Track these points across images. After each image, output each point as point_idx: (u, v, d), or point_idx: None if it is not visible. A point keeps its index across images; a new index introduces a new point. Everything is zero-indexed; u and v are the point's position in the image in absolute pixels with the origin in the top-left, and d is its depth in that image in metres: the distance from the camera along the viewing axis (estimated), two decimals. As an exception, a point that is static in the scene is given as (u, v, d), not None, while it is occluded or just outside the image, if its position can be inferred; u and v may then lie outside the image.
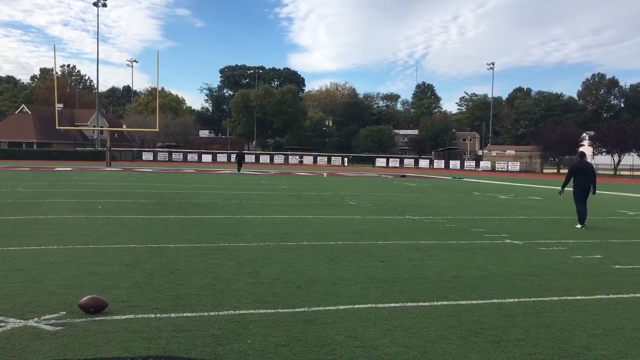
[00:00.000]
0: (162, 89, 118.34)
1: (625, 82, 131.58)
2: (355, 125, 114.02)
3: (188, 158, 75.11)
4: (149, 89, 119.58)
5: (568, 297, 6.67)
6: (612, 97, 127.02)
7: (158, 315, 5.49)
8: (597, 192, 14.78)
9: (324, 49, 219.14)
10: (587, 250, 10.10)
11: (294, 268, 7.88)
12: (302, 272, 7.65)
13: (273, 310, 5.75)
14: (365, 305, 6.04)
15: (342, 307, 5.96)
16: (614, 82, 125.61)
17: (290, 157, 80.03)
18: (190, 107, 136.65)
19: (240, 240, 10.20)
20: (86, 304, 5.50)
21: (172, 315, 5.51)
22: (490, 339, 5.05)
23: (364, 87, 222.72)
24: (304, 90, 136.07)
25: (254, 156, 79.14)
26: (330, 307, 5.92)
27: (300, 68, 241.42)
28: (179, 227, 11.61)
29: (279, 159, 79.15)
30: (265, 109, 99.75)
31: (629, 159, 67.68)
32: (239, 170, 41.03)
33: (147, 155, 74.08)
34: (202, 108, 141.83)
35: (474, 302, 6.35)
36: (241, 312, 5.67)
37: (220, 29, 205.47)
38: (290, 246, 9.70)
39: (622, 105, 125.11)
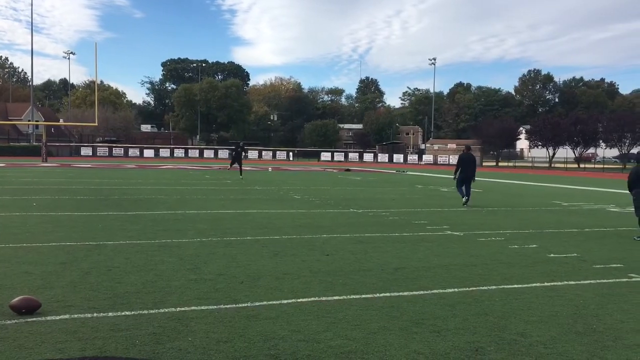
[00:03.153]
0: (101, 82, 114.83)
1: (560, 77, 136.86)
2: (300, 119, 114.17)
3: (129, 153, 73.30)
4: (87, 82, 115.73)
5: (505, 286, 6.86)
6: (547, 92, 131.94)
7: (95, 314, 5.32)
8: (527, 183, 15.45)
9: (268, 42, 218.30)
10: (524, 240, 10.43)
11: (238, 263, 7.80)
12: (246, 267, 7.58)
13: (215, 307, 5.67)
14: (309, 299, 6.04)
15: (285, 301, 5.94)
16: (549, 78, 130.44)
17: (234, 151, 79.26)
18: (131, 101, 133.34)
19: (183, 236, 10.02)
20: (17, 305, 5.27)
21: (110, 314, 5.35)
22: (430, 329, 5.14)
23: (308, 81, 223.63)
24: (248, 84, 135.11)
25: (197, 151, 78.03)
26: (274, 302, 5.89)
27: (244, 62, 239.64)
28: (119, 224, 11.30)
29: (223, 153, 78.29)
30: (209, 103, 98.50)
31: (563, 152, 70.41)
32: (240, 173, 30.22)
33: (86, 151, 71.86)
34: (144, 102, 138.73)
35: (416, 293, 6.45)
36: (182, 309, 5.56)
37: (161, 20, 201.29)
38: (234, 241, 9.60)
39: (557, 100, 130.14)
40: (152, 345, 4.55)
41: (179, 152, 77.23)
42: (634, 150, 74.20)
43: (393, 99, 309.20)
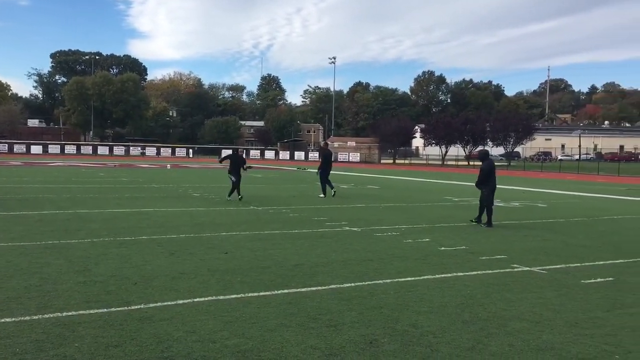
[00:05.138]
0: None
1: (452, 79, 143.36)
2: (200, 116, 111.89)
3: (15, 149, 68.64)
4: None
5: (399, 279, 7.09)
6: (440, 93, 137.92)
7: (-30, 323, 4.92)
8: (422, 180, 16.28)
9: (166, 36, 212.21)
10: (417, 235, 10.84)
11: (131, 264, 7.51)
12: (140, 267, 7.31)
13: (106, 310, 5.42)
14: (206, 299, 5.92)
15: (181, 301, 5.79)
16: (441, 79, 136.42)
17: (131, 148, 76.47)
18: (17, 94, 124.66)
19: (72, 236, 9.51)
20: None
21: (-13, 322, 4.97)
22: (327, 323, 5.21)
23: (209, 77, 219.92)
24: (145, 79, 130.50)
25: (90, 147, 74.46)
26: (169, 303, 5.73)
27: (141, 55, 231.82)
28: (1, 225, 10.54)
29: (119, 150, 75.25)
30: (103, 98, 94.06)
31: (455, 150, 73.92)
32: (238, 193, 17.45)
33: (-35, 147, 66.45)
34: (31, 95, 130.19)
35: (314, 288, 6.51)
36: (69, 313, 5.27)
37: (49, 9, 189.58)
38: (128, 241, 9.24)
39: (449, 100, 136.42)
40: (34, 354, 4.27)
41: (71, 149, 73.38)
42: (518, 149, 79.39)
43: (294, 97, 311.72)
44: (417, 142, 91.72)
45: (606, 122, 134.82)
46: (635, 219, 15.01)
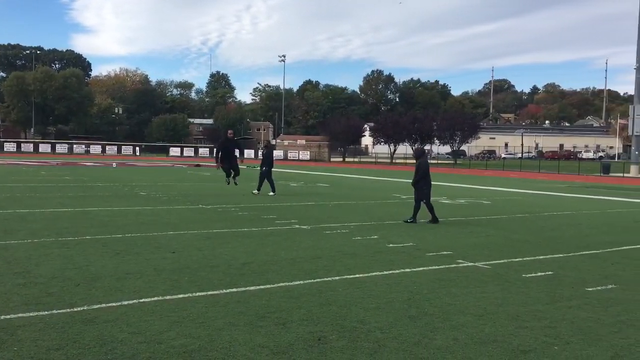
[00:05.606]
0: None
1: (400, 78, 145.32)
2: (147, 113, 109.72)
3: (-51, 147, 65.61)
4: None
5: (348, 276, 7.15)
6: (389, 91, 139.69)
7: None
8: (371, 178, 16.47)
9: (112, 31, 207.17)
10: (366, 232, 10.95)
11: (74, 264, 7.30)
12: (83, 268, 7.12)
13: (47, 312, 5.25)
14: (152, 299, 5.82)
15: (126, 302, 5.66)
16: (390, 78, 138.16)
17: (75, 146, 74.28)
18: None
19: (11, 237, 9.16)
20: None
21: None
22: (276, 322, 5.20)
23: (156, 73, 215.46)
24: (90, 75, 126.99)
25: (32, 145, 71.93)
26: (113, 304, 5.59)
27: (85, 51, 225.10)
28: None
29: (62, 148, 72.96)
30: (45, 94, 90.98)
31: (403, 148, 75.05)
32: (233, 177, 18.82)
33: None
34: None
35: (262, 287, 6.49)
36: (7, 317, 5.08)
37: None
38: (71, 241, 8.98)
39: (397, 99, 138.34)
40: (-31, 359, 4.11)
41: (10, 147, 70.70)
42: (464, 148, 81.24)
43: (244, 95, 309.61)
44: (367, 140, 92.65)
45: (547, 122, 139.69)
46: (573, 215, 15.61)
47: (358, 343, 4.70)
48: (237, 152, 18.61)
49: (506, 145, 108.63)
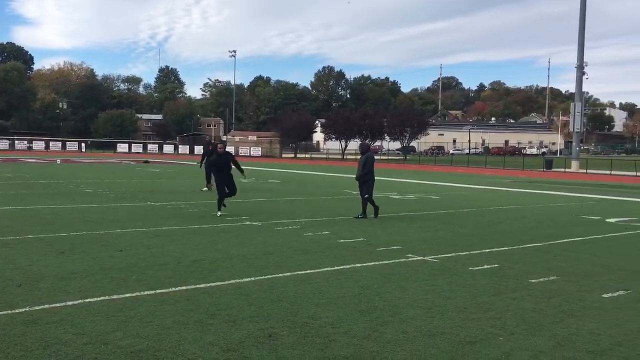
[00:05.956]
0: None
1: (351, 75, 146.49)
2: (93, 108, 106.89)
3: None
4: None
5: (299, 272, 7.16)
6: (339, 88, 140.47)
7: None
8: (322, 174, 16.46)
9: (55, 23, 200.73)
10: (317, 228, 10.98)
11: (15, 265, 7.04)
12: (25, 268, 6.88)
13: (-14, 315, 5.05)
14: (98, 299, 5.68)
15: (70, 302, 5.51)
16: (341, 75, 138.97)
17: (17, 142, 71.61)
18: None
19: (-53, 237, 8.77)
20: None
21: None
22: (226, 319, 5.16)
23: (102, 68, 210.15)
24: (32, 68, 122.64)
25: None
26: (58, 304, 5.43)
27: (27, 43, 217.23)
28: None
29: (2, 144, 70.23)
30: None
31: (354, 145, 75.56)
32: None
33: None
34: None
35: (213, 284, 6.43)
36: (-57, 320, 4.87)
37: None
38: (12, 241, 8.67)
39: (348, 96, 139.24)
40: None
41: (-54, 143, 67.57)
42: (414, 144, 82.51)
43: (194, 90, 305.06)
44: (318, 136, 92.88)
45: (493, 119, 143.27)
46: (518, 209, 16.08)
47: (309, 338, 4.72)
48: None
49: (454, 141, 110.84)
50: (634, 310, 5.84)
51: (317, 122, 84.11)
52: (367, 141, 63.12)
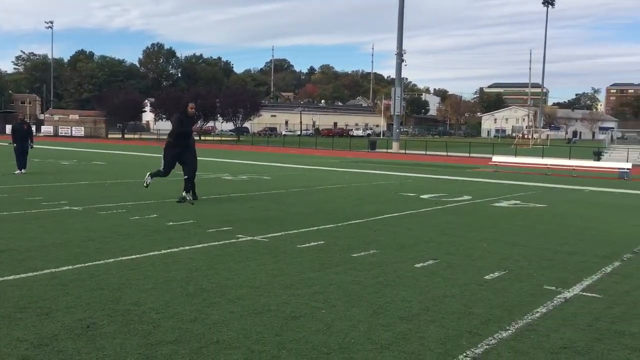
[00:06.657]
0: None
1: (182, 53, 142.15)
2: None
3: None
4: None
5: (123, 258, 6.83)
6: (170, 66, 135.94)
7: None
8: (151, 155, 15.91)
9: None
10: (145, 211, 10.57)
11: None
12: None
13: None
14: None
15: None
16: (171, 53, 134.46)
17: None
18: None
19: None
20: None
21: None
22: (38, 312, 4.77)
23: None
24: None
25: None
26: None
27: None
28: None
29: None
30: None
31: (186, 125, 73.78)
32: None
33: None
34: None
35: (24, 275, 5.90)
36: None
37: None
38: None
39: (179, 74, 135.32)
40: None
41: None
42: (247, 125, 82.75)
43: (5, 63, 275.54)
44: (148, 116, 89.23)
45: (322, 101, 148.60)
46: (344, 187, 16.90)
47: (131, 326, 4.53)
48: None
49: (286, 122, 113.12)
50: (441, 278, 6.45)
51: (146, 101, 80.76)
52: (200, 122, 62.11)
